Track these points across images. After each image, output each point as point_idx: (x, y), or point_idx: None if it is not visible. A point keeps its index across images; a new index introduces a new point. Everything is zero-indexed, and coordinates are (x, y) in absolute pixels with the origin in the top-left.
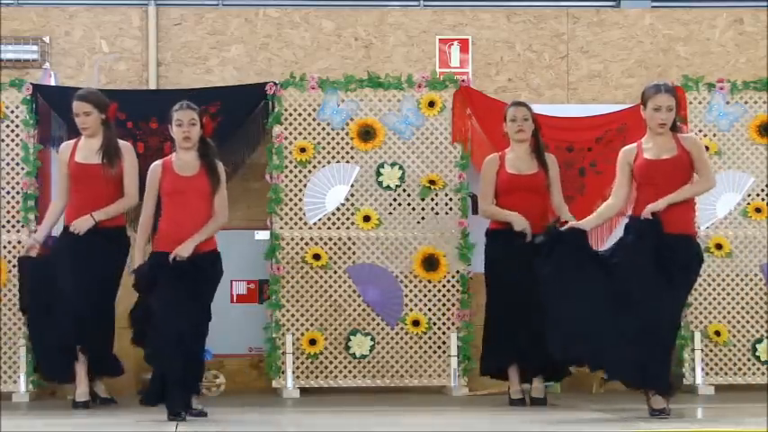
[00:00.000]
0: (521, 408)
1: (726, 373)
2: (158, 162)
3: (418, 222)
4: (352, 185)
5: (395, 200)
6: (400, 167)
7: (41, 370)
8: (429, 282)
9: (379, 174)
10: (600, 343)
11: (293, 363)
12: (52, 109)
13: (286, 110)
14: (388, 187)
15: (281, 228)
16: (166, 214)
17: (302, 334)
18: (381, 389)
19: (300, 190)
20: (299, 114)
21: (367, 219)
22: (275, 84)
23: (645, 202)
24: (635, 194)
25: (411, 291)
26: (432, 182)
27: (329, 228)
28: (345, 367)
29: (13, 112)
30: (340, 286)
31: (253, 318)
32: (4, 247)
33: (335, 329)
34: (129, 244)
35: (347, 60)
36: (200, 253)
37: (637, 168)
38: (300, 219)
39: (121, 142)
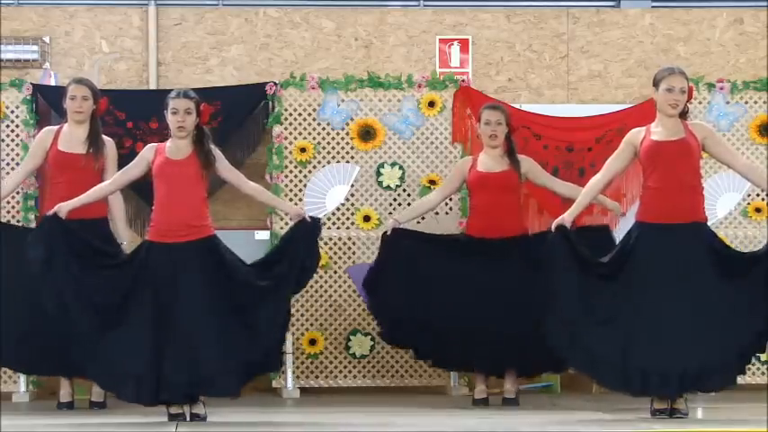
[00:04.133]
0: (483, 408)
1: None
2: (153, 144)
3: (418, 222)
4: (352, 185)
5: (395, 200)
6: (400, 167)
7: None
8: None
9: (379, 174)
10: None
11: (293, 363)
12: (52, 109)
13: (286, 110)
14: (388, 187)
15: (281, 228)
16: (156, 200)
17: (302, 334)
18: (381, 389)
19: (300, 190)
20: (299, 114)
21: (367, 219)
22: (275, 84)
23: (652, 191)
24: (643, 183)
25: None
26: (432, 182)
27: (329, 228)
28: (345, 367)
29: (13, 112)
30: (340, 286)
31: None
32: None
33: (335, 329)
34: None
35: (347, 60)
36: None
37: (643, 151)
38: None
39: (104, 137)
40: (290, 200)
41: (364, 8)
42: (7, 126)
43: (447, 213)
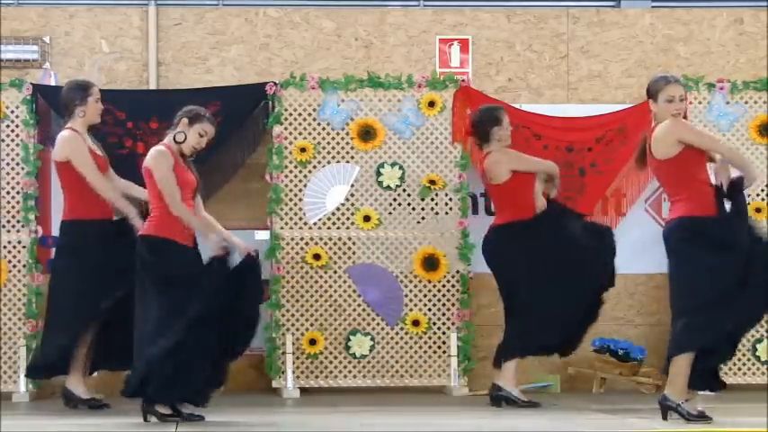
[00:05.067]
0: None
1: (726, 373)
2: (164, 149)
3: (418, 222)
4: (352, 185)
5: (395, 200)
6: (400, 167)
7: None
8: (429, 282)
9: (379, 174)
10: None
11: (293, 363)
12: (52, 109)
13: (286, 110)
14: (388, 187)
15: (281, 228)
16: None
17: (302, 334)
18: (381, 389)
19: (300, 190)
20: (299, 114)
21: (367, 219)
22: (275, 84)
23: (706, 184)
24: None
25: (411, 291)
26: (432, 182)
27: (329, 228)
28: (345, 367)
29: (13, 112)
30: (340, 286)
31: None
32: (4, 247)
33: (335, 329)
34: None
35: (347, 60)
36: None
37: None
38: (300, 219)
39: None
40: (290, 200)
41: (364, 8)
42: (7, 126)
43: (447, 213)
